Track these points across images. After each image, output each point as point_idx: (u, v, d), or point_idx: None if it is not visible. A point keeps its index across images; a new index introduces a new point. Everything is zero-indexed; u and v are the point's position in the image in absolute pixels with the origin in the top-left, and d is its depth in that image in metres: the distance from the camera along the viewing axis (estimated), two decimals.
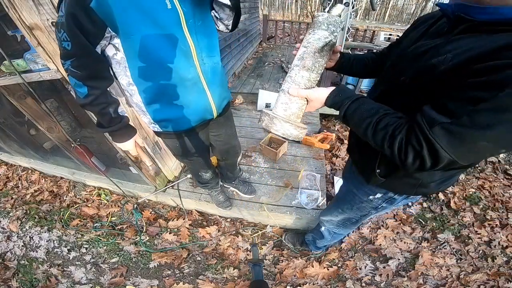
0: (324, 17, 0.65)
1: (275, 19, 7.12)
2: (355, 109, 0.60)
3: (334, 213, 1.12)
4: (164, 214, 1.98)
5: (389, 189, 0.81)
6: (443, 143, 0.45)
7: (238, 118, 2.82)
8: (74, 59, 0.73)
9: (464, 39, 0.50)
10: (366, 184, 0.85)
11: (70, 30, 0.67)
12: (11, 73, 1.12)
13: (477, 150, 0.45)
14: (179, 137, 1.09)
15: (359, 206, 0.95)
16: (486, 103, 0.41)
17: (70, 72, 0.75)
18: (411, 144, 0.49)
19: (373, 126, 0.56)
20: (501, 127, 0.41)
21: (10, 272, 1.64)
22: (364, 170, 0.84)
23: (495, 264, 1.60)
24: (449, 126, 0.44)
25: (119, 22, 0.70)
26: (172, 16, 0.77)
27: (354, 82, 2.82)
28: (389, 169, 0.73)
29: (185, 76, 0.88)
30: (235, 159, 1.59)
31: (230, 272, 1.57)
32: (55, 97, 2.14)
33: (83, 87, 0.78)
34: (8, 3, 0.79)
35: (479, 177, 2.26)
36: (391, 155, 0.53)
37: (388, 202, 0.86)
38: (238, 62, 3.95)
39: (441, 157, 0.46)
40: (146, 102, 0.91)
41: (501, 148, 0.46)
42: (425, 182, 0.71)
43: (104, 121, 0.88)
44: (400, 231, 1.82)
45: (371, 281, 1.55)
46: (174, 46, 0.81)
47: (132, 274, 1.62)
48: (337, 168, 2.34)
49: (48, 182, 2.34)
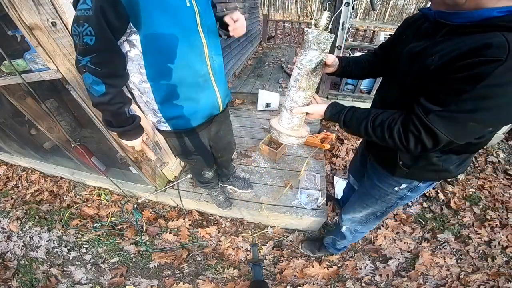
0: (314, 36, 0.69)
1: (275, 19, 7.12)
2: (351, 116, 0.71)
3: (358, 209, 1.13)
4: (164, 214, 1.98)
5: (414, 178, 0.85)
6: (440, 127, 0.55)
7: (238, 118, 2.82)
8: (95, 55, 0.69)
9: (447, 41, 0.57)
10: (391, 176, 0.89)
11: (99, 24, 0.65)
12: (11, 73, 1.12)
13: (468, 130, 0.55)
14: (186, 135, 1.10)
15: (385, 199, 0.98)
16: (467, 94, 0.50)
17: (88, 69, 0.71)
18: (410, 131, 0.59)
19: (370, 124, 0.66)
20: (483, 112, 0.51)
21: (10, 272, 1.64)
22: (388, 164, 0.88)
23: (495, 264, 1.60)
24: (442, 113, 0.54)
25: (143, 17, 0.70)
26: (190, 13, 0.81)
27: (354, 82, 2.82)
28: (412, 159, 0.78)
29: (198, 73, 0.92)
30: (231, 156, 1.62)
31: (230, 272, 1.57)
32: (55, 97, 2.14)
33: (101, 85, 0.75)
34: (8, 3, 0.78)
35: (479, 177, 2.26)
36: (394, 143, 0.63)
37: (413, 191, 0.91)
38: (238, 62, 3.95)
39: (440, 139, 0.56)
40: (159, 100, 0.91)
41: (488, 127, 0.56)
42: (446, 167, 0.77)
43: (118, 121, 0.86)
44: (400, 231, 1.82)
45: (371, 281, 1.55)
46: (191, 43, 0.85)
47: (132, 274, 1.62)
48: (337, 168, 2.34)
49: (48, 182, 2.34)
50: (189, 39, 0.83)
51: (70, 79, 1.01)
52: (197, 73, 0.91)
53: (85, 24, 0.64)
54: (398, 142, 0.61)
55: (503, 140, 2.70)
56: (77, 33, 0.66)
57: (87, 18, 0.64)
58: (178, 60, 0.83)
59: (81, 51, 0.69)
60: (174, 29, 0.78)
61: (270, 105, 2.89)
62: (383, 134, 0.63)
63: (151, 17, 0.72)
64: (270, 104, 2.88)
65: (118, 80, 0.80)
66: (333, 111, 0.76)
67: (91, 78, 0.73)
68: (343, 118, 0.72)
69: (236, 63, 3.80)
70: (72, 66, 0.97)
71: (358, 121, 0.69)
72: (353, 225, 1.22)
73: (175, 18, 0.77)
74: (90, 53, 0.69)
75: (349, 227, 1.25)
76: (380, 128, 0.64)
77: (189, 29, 0.83)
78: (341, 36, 2.24)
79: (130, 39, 0.75)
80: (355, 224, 1.21)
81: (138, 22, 0.70)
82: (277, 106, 2.93)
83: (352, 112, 0.72)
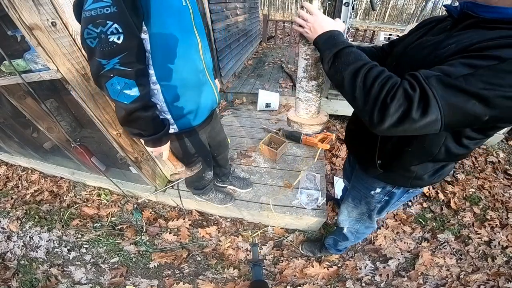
0: None
1: (275, 19, 7.12)
2: (353, 51, 0.60)
3: (349, 208, 1.15)
4: (164, 214, 1.98)
5: (386, 181, 0.86)
6: (437, 91, 0.46)
7: (238, 118, 2.82)
8: (125, 54, 0.64)
9: (465, 33, 0.54)
10: (365, 176, 0.90)
11: (125, 19, 0.61)
12: (11, 73, 1.12)
13: (465, 108, 0.47)
14: (189, 136, 1.11)
15: (366, 201, 1.01)
16: (483, 69, 0.44)
17: (118, 71, 0.64)
18: (402, 87, 0.49)
19: (369, 67, 0.55)
20: (494, 91, 0.44)
21: (10, 272, 1.64)
22: (365, 161, 0.89)
23: (495, 264, 1.60)
24: (445, 79, 0.47)
25: (153, 16, 0.68)
26: (187, 12, 0.82)
27: None
28: (388, 161, 0.78)
29: (198, 69, 0.94)
30: (227, 152, 1.63)
31: (230, 272, 1.57)
32: (55, 97, 2.14)
33: (134, 87, 0.68)
34: (8, 3, 0.78)
35: (479, 177, 2.26)
36: (376, 96, 0.51)
37: (388, 196, 0.91)
38: (238, 62, 3.95)
39: (430, 108, 0.46)
40: (169, 100, 0.90)
41: (486, 115, 0.47)
42: (419, 175, 0.76)
43: (154, 127, 0.81)
44: (400, 231, 1.82)
45: (371, 281, 1.55)
46: (191, 40, 0.87)
47: (132, 274, 1.62)
48: (337, 168, 2.34)
49: (48, 182, 2.34)
50: (189, 37, 0.86)
51: (70, 79, 1.01)
52: (197, 69, 0.94)
53: (107, 22, 0.59)
54: (383, 95, 0.50)
55: (503, 140, 2.71)
56: (94, 34, 0.60)
57: (110, 15, 0.59)
58: (183, 58, 0.85)
59: (107, 53, 0.62)
60: (178, 28, 0.79)
61: (270, 105, 2.89)
62: (374, 82, 0.52)
63: (160, 16, 0.72)
64: (270, 104, 2.88)
65: (147, 79, 0.75)
66: (336, 33, 0.64)
67: (122, 82, 0.66)
68: (346, 45, 0.60)
69: (236, 63, 3.79)
70: (72, 66, 0.97)
71: (357, 58, 0.57)
72: (351, 223, 1.23)
73: (178, 17, 0.78)
74: (120, 52, 0.63)
75: (349, 227, 1.26)
76: (376, 74, 0.53)
77: (188, 28, 0.85)
78: None
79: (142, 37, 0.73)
80: (353, 222, 1.21)
81: (149, 20, 0.69)
82: (277, 106, 2.92)
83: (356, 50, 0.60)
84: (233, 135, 2.49)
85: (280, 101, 3.02)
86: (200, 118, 1.08)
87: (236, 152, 2.23)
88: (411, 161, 0.74)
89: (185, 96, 0.94)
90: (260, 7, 7.91)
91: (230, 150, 2.20)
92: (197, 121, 1.08)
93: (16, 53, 1.15)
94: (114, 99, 0.70)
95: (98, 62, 0.63)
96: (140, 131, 0.82)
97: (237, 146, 2.32)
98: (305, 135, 2.25)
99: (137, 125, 0.79)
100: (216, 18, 2.80)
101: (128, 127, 0.80)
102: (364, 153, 0.88)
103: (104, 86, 0.67)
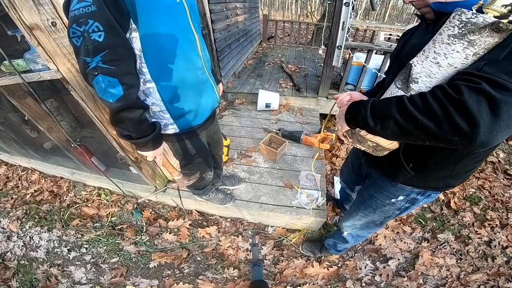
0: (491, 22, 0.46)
1: (275, 19, 7.11)
2: (377, 99, 0.60)
3: (356, 217, 1.12)
4: (164, 214, 1.98)
5: (417, 185, 0.81)
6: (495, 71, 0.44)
7: (238, 118, 2.82)
8: (106, 51, 0.64)
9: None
10: (389, 183, 0.86)
11: (105, 17, 0.62)
12: (11, 73, 1.12)
13: None
14: (190, 137, 1.10)
15: (382, 209, 0.97)
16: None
17: (101, 69, 0.65)
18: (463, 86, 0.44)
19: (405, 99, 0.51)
20: None
21: (10, 272, 1.64)
22: (391, 168, 0.83)
23: (495, 264, 1.60)
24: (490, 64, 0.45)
25: (140, 14, 0.68)
26: (182, 9, 0.81)
27: (354, 82, 2.82)
28: (421, 162, 0.73)
29: (197, 66, 0.93)
30: (222, 152, 1.64)
31: (230, 272, 1.57)
32: (55, 97, 2.14)
33: (117, 86, 0.68)
34: (8, 3, 0.78)
35: (479, 177, 2.26)
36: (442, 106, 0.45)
37: (411, 202, 0.88)
38: (238, 62, 3.94)
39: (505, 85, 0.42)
40: (167, 99, 0.89)
41: None
42: (457, 172, 0.73)
43: (141, 130, 0.80)
44: (400, 231, 1.82)
45: (371, 281, 1.55)
46: (187, 37, 0.86)
47: (132, 274, 1.62)
48: (337, 168, 2.34)
49: (48, 182, 2.34)
50: (185, 34, 0.85)
51: (70, 79, 1.01)
52: (196, 66, 0.93)
53: (89, 20, 0.61)
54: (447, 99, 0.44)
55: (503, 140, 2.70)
56: (78, 33, 0.62)
57: (91, 14, 0.60)
58: (179, 56, 0.83)
59: (89, 51, 0.63)
60: (171, 25, 0.78)
61: (270, 105, 2.89)
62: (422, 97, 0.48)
63: (148, 14, 0.71)
64: (270, 104, 2.88)
65: (134, 79, 0.75)
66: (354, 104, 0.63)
67: (105, 80, 0.66)
68: (370, 103, 0.58)
69: (236, 63, 3.79)
70: (72, 66, 0.97)
71: (386, 98, 0.56)
72: (355, 230, 1.22)
73: (171, 14, 0.77)
74: (101, 50, 0.64)
75: (350, 232, 1.25)
76: (420, 97, 0.49)
77: (184, 25, 0.84)
78: (341, 36, 2.24)
79: (131, 37, 0.73)
80: (357, 230, 1.20)
81: (137, 19, 0.69)
82: (277, 106, 2.92)
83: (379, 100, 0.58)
84: (233, 135, 2.49)
85: (280, 101, 3.02)
86: (201, 118, 1.06)
87: (236, 152, 2.23)
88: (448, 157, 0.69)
89: (184, 94, 0.92)
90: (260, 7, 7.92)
91: (230, 150, 2.20)
92: (198, 121, 1.06)
93: (16, 53, 1.15)
94: (100, 97, 0.71)
95: (84, 60, 0.65)
96: (129, 133, 0.80)
97: (237, 146, 2.32)
98: (305, 135, 2.25)
99: (124, 125, 0.78)
100: (216, 18, 2.80)
101: (117, 127, 0.80)
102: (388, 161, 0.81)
103: (92, 84, 0.69)
